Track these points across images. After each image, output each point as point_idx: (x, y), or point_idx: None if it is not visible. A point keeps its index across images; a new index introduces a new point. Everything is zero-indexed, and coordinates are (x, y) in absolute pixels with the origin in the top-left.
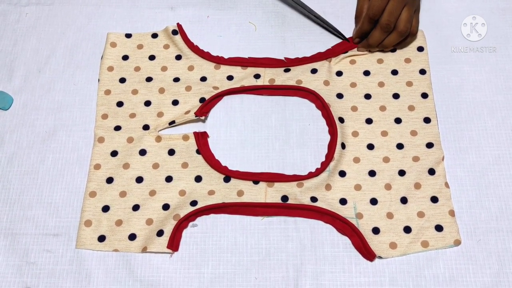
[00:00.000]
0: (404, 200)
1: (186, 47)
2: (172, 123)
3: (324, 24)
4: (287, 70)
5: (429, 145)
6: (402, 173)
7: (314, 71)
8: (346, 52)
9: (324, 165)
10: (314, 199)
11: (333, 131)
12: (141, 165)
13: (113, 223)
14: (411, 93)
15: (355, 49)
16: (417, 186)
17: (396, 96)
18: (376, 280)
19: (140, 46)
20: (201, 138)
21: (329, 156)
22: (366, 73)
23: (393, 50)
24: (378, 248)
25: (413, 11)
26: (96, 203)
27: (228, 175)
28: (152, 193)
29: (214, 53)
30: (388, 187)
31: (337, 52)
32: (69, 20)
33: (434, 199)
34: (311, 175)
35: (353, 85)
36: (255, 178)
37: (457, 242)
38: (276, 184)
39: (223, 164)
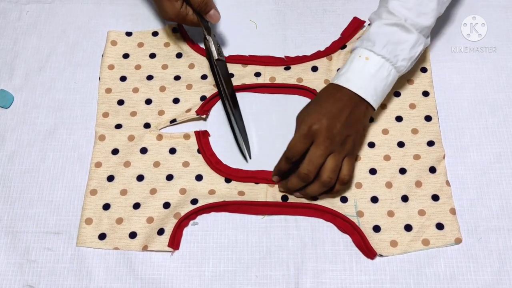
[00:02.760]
0: (405, 198)
1: (186, 45)
2: (173, 122)
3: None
4: (287, 68)
5: (430, 143)
6: (403, 171)
7: (314, 69)
8: (345, 47)
9: None
10: (314, 197)
11: None
12: (142, 164)
13: (114, 221)
14: (412, 91)
15: (353, 43)
16: (418, 184)
17: (397, 94)
18: (377, 278)
19: (140, 44)
20: (202, 138)
21: None
22: None
23: None
24: (378, 246)
25: (340, 159)
26: (96, 201)
27: (229, 178)
28: (153, 191)
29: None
30: (389, 185)
31: (336, 48)
32: (69, 18)
33: (435, 197)
34: None
35: None
36: (257, 180)
37: (458, 241)
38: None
39: (224, 162)
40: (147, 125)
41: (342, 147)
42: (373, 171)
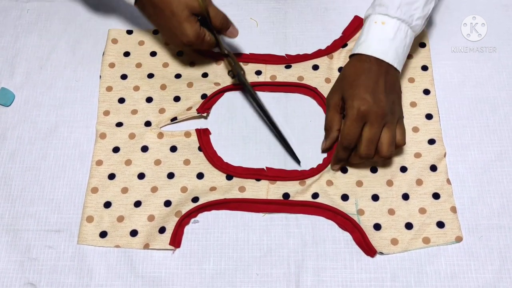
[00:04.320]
0: (405, 197)
1: None
2: (174, 120)
3: (284, 144)
4: (288, 67)
5: (431, 142)
6: (403, 169)
7: (315, 67)
8: (346, 45)
9: (326, 161)
10: (315, 195)
11: None
12: (143, 162)
13: (115, 219)
14: (413, 89)
15: (354, 42)
16: (419, 182)
17: None
18: (378, 276)
19: (141, 43)
20: (203, 135)
21: (331, 152)
22: None
23: None
24: (379, 244)
25: (394, 128)
26: (98, 199)
27: (230, 174)
28: (154, 189)
29: (215, 49)
30: (389, 183)
31: (337, 46)
32: (70, 16)
33: (436, 196)
34: (313, 171)
35: None
36: (258, 176)
37: (459, 239)
38: (278, 182)
39: (225, 160)
40: (148, 123)
41: (393, 115)
42: (374, 169)
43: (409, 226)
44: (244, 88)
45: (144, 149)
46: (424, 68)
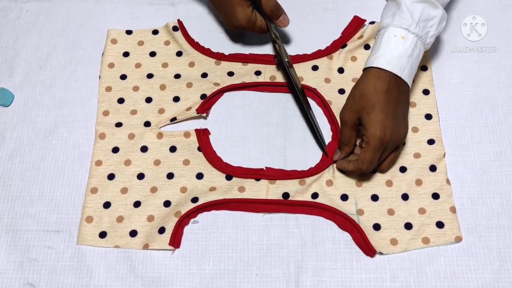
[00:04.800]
0: (405, 197)
1: (186, 43)
2: (173, 120)
3: (315, 130)
4: None
5: (431, 142)
6: (403, 169)
7: (315, 68)
8: (345, 46)
9: (324, 160)
10: (315, 195)
11: (334, 129)
12: (143, 162)
13: (114, 219)
14: (412, 90)
15: (354, 42)
16: (418, 182)
17: None
18: (377, 276)
19: (140, 43)
20: (203, 136)
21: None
22: None
23: None
24: (379, 244)
25: (401, 149)
26: (97, 199)
27: (230, 174)
28: (153, 189)
29: (214, 50)
30: (389, 183)
31: (337, 47)
32: (69, 16)
33: (435, 196)
34: (312, 171)
35: (355, 80)
36: (257, 176)
37: (458, 239)
38: (278, 181)
39: (225, 161)
40: (147, 124)
41: (405, 138)
42: (373, 169)
43: (408, 226)
44: (287, 75)
45: (144, 149)
46: (424, 68)
